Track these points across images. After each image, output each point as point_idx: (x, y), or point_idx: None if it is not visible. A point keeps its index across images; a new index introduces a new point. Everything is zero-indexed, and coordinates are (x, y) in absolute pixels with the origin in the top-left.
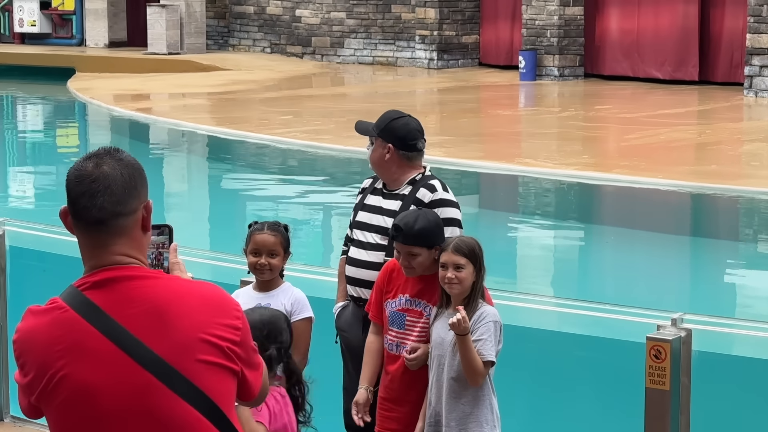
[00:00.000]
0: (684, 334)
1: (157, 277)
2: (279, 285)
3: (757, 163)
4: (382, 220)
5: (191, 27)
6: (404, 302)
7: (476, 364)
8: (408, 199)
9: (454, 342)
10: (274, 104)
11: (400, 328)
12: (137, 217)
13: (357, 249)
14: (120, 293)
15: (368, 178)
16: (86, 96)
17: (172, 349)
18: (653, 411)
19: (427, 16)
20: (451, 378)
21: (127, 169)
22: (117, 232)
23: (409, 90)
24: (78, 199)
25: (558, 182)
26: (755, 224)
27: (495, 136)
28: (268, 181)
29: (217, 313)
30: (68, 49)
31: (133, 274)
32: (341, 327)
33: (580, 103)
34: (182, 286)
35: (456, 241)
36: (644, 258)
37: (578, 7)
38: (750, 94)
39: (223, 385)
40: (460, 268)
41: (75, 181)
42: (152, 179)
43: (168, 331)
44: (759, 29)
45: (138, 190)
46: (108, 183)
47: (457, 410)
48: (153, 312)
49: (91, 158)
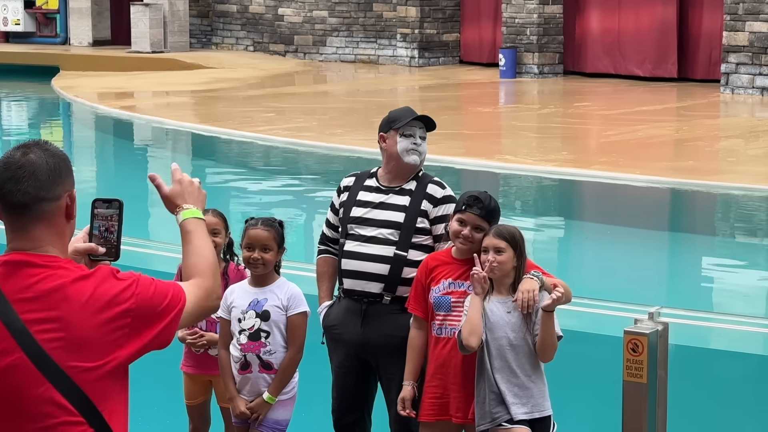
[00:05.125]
0: (661, 327)
1: (60, 269)
2: (275, 280)
3: (734, 159)
4: (391, 215)
5: (175, 25)
6: (448, 285)
7: (555, 340)
8: (418, 195)
9: (522, 321)
10: (257, 102)
11: (447, 311)
12: (60, 204)
13: (359, 243)
14: (22, 276)
15: (348, 177)
16: (70, 94)
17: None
18: (631, 403)
19: (409, 14)
20: (524, 355)
21: (53, 158)
22: (39, 216)
23: (390, 88)
24: (4, 184)
25: (538, 178)
26: (732, 219)
27: (476, 133)
28: (251, 179)
29: (103, 310)
30: (52, 48)
31: (39, 262)
32: (332, 324)
33: (559, 100)
34: (79, 283)
35: (497, 227)
36: (622, 253)
37: (557, 6)
38: (726, 91)
39: (104, 382)
40: (501, 252)
41: (3, 168)
42: (136, 176)
43: (56, 322)
44: (735, 27)
45: (63, 178)
46: (33, 169)
47: (528, 387)
48: (45, 301)
49: (20, 148)
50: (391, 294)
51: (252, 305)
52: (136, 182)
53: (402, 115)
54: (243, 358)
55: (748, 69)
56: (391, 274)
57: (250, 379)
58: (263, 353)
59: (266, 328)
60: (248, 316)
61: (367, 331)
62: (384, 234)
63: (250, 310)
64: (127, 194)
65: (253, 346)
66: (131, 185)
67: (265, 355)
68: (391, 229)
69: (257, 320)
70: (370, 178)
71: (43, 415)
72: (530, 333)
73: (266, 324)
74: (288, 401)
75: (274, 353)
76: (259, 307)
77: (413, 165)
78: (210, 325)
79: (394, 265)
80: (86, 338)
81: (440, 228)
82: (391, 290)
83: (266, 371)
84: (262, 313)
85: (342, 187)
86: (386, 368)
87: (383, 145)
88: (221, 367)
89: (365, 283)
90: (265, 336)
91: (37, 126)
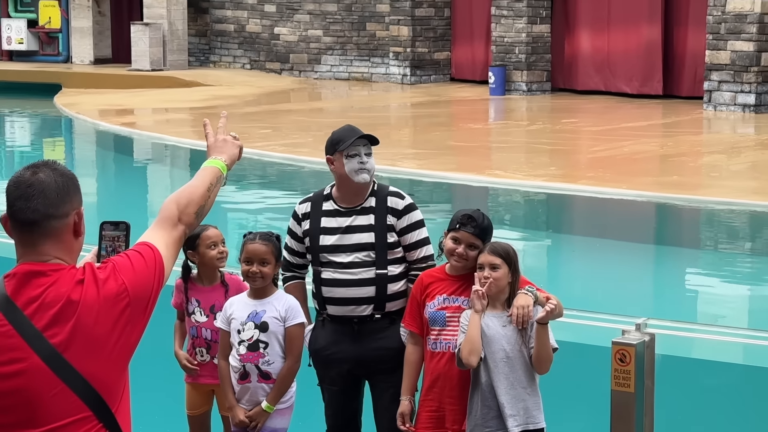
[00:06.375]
0: (648, 338)
1: (66, 275)
2: (273, 292)
3: (717, 174)
4: (361, 237)
5: (174, 44)
6: (443, 300)
7: (550, 352)
8: (380, 211)
9: (518, 334)
10: (253, 119)
11: (442, 325)
12: (69, 221)
13: (338, 270)
14: (31, 286)
15: (302, 203)
16: (72, 111)
17: (69, 341)
18: (619, 412)
19: (401, 33)
20: (520, 368)
21: (62, 177)
22: (48, 233)
23: (383, 104)
24: (15, 201)
25: (527, 193)
26: (715, 232)
27: (466, 148)
28: (248, 193)
29: (110, 309)
30: (55, 66)
31: (46, 269)
32: (322, 347)
33: (547, 116)
34: (82, 286)
35: (492, 244)
36: (610, 265)
37: (545, 26)
38: (709, 108)
39: (114, 366)
40: (496, 268)
41: (13, 187)
42: (136, 191)
43: (67, 324)
44: (717, 46)
45: (71, 196)
46: (42, 188)
47: (524, 399)
48: (56, 307)
49: (30, 168)
50: (380, 312)
51: (251, 317)
52: (136, 197)
53: (345, 136)
54: (242, 368)
55: (730, 86)
56: (378, 295)
57: (249, 388)
58: (262, 363)
59: (265, 338)
60: (247, 328)
61: (361, 348)
62: (360, 257)
63: (249, 322)
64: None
65: (252, 357)
66: (131, 199)
67: (264, 365)
68: (366, 251)
69: (256, 331)
70: (326, 201)
71: (60, 415)
72: (526, 346)
73: (265, 335)
74: (286, 410)
75: (272, 363)
76: (258, 319)
77: (364, 183)
78: (215, 334)
79: (378, 285)
80: (97, 337)
81: (410, 238)
82: (380, 308)
83: (265, 381)
84: (260, 325)
85: (300, 214)
86: (381, 379)
87: (332, 167)
88: (221, 377)
89: (353, 307)
90: (263, 347)
91: (40, 142)
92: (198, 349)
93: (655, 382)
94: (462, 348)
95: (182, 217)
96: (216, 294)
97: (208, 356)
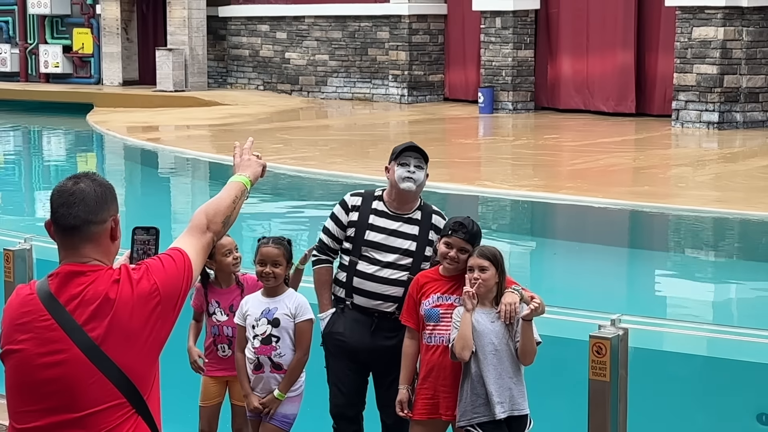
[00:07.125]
0: (622, 332)
1: (104, 275)
2: (284, 291)
3: (684, 184)
4: (403, 243)
5: (194, 68)
6: (437, 299)
7: (534, 346)
8: (425, 225)
9: (505, 329)
10: (266, 134)
11: (436, 321)
12: (106, 227)
13: (374, 266)
14: (72, 285)
15: (353, 195)
16: (103, 128)
17: (106, 334)
18: (596, 399)
19: (399, 58)
20: (507, 360)
21: (100, 187)
22: (87, 237)
23: (383, 122)
24: (58, 208)
25: (512, 201)
26: (682, 237)
27: (458, 161)
28: (262, 202)
29: (144, 305)
30: (87, 87)
31: (86, 269)
32: (339, 332)
33: (531, 133)
34: (119, 285)
35: (480, 248)
36: (587, 266)
37: (529, 51)
38: (677, 125)
39: (147, 358)
40: (485, 270)
41: (57, 195)
42: (160, 200)
43: (105, 319)
44: (684, 69)
45: (108, 204)
46: (83, 196)
47: (510, 388)
48: (95, 303)
49: (71, 178)
50: None
51: (264, 313)
52: (159, 206)
53: (400, 147)
54: (256, 360)
55: (695, 106)
56: (405, 296)
57: (263, 378)
58: (274, 356)
59: (276, 333)
60: (261, 323)
61: (378, 339)
62: (399, 260)
63: (262, 318)
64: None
65: (265, 350)
66: (156, 207)
67: (276, 357)
68: (405, 256)
69: (269, 327)
70: (376, 200)
71: (97, 401)
72: (512, 340)
73: (276, 330)
74: (296, 398)
75: (283, 356)
76: (270, 315)
77: (407, 191)
78: (236, 330)
79: (407, 288)
80: (132, 331)
81: None
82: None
83: (277, 371)
84: (273, 321)
85: (350, 205)
86: (389, 371)
87: (387, 175)
88: (238, 368)
89: (380, 302)
90: (275, 340)
91: (74, 156)
92: (220, 345)
93: (628, 371)
94: (455, 344)
95: (210, 225)
96: (233, 294)
97: (229, 351)
